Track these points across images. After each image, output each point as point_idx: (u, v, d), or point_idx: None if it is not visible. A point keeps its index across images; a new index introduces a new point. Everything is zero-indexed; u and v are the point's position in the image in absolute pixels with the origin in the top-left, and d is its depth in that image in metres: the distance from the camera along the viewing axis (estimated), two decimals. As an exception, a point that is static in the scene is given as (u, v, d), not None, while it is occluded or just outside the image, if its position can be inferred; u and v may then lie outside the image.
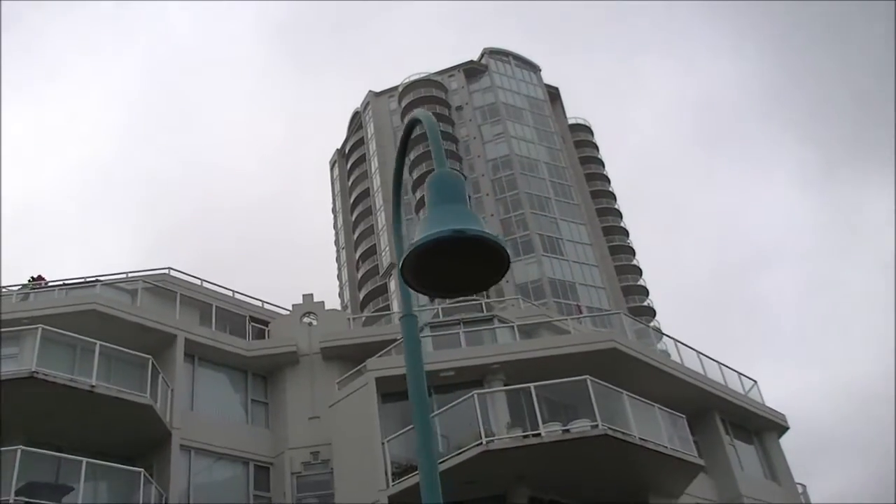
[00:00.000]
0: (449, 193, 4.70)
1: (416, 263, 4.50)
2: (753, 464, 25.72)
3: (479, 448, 16.44)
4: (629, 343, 21.23)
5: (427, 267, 4.57)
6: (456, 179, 4.87)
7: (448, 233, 4.31)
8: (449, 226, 4.36)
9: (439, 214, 4.52)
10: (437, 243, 4.37)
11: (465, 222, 4.39)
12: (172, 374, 21.19)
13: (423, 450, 5.10)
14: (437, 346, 21.46)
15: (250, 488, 21.79)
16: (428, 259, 4.52)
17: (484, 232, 4.32)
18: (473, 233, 4.31)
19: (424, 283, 4.62)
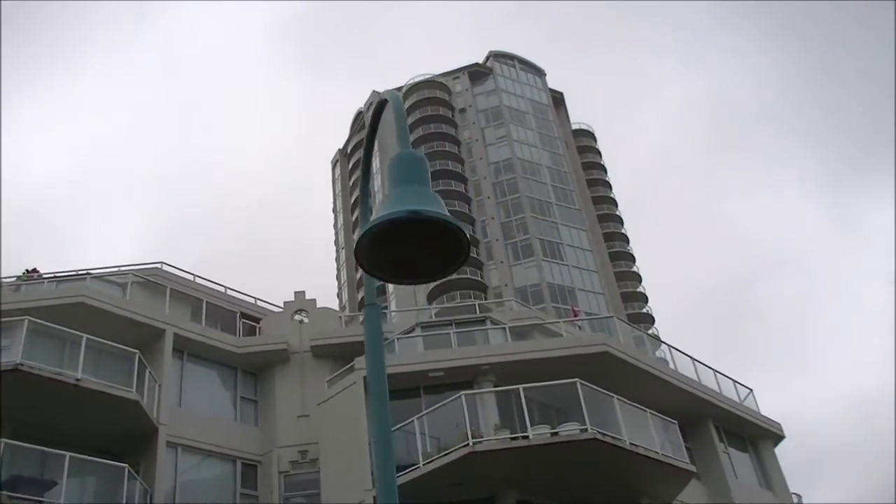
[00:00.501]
0: (410, 174, 4.48)
1: (372, 247, 4.28)
2: (748, 472, 25.49)
3: (466, 449, 16.22)
4: (622, 347, 20.99)
5: (386, 251, 4.36)
6: (418, 160, 4.65)
7: (404, 213, 4.10)
8: (407, 207, 4.15)
9: (398, 196, 4.31)
10: (393, 225, 4.16)
11: (425, 204, 4.18)
12: (161, 369, 20.98)
13: (380, 443, 4.87)
14: (428, 347, 21.24)
15: (237, 486, 21.57)
16: (386, 242, 4.31)
17: (441, 214, 4.10)
18: (429, 214, 4.08)
19: (382, 268, 4.40)
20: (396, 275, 4.48)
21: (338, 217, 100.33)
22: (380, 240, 4.28)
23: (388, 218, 4.09)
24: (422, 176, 4.53)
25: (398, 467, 17.50)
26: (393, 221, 4.10)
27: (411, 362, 19.51)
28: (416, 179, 4.47)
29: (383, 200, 4.34)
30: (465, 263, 4.36)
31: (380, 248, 4.34)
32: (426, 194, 4.34)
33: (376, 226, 4.11)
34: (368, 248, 4.28)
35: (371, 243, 4.25)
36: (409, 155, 4.70)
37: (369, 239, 4.19)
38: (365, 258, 4.30)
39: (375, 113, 5.68)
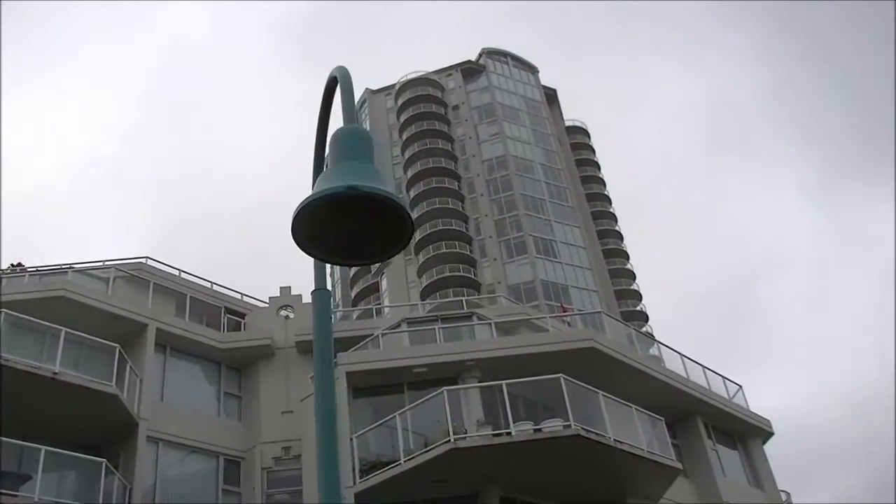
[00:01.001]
0: (354, 150, 4.25)
1: (313, 224, 4.05)
2: (736, 469, 25.32)
3: (448, 445, 15.99)
4: (608, 343, 20.77)
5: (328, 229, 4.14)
6: (362, 135, 4.43)
7: (342, 189, 3.87)
8: (346, 182, 3.92)
9: (339, 171, 4.08)
10: (333, 201, 3.93)
11: (366, 180, 3.95)
12: (143, 363, 20.74)
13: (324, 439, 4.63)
14: (414, 343, 21.02)
15: (220, 482, 21.31)
16: (328, 220, 4.09)
17: (380, 189, 3.87)
18: (368, 189, 3.86)
19: (324, 247, 4.17)
20: (340, 255, 4.26)
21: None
22: (321, 217, 4.06)
23: (325, 193, 3.87)
24: (366, 151, 4.30)
25: (381, 464, 17.37)
26: (331, 197, 3.88)
27: (394, 357, 19.29)
28: (359, 155, 4.24)
29: (322, 175, 4.12)
30: (408, 243, 4.14)
31: (321, 226, 4.12)
32: (369, 170, 4.11)
33: (313, 202, 3.89)
34: (309, 226, 4.06)
35: (311, 221, 4.03)
36: (352, 130, 4.47)
37: (307, 216, 3.97)
38: (304, 236, 4.08)
39: (326, 91, 5.45)
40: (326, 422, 4.69)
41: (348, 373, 18.69)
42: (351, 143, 4.31)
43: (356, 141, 4.33)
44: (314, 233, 4.10)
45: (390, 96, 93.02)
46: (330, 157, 4.29)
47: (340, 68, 5.13)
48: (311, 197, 3.87)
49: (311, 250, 4.11)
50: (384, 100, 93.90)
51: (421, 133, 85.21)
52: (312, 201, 3.86)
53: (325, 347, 4.94)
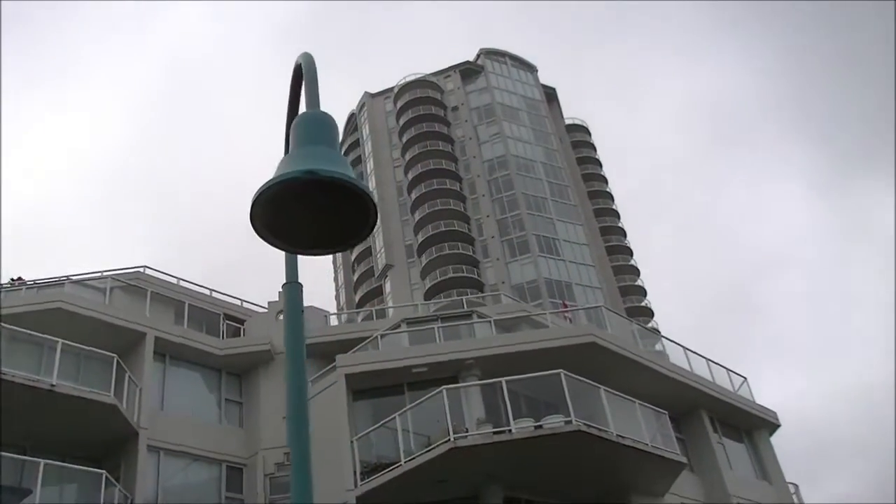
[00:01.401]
0: (316, 134, 4.11)
1: (271, 212, 3.91)
2: (743, 462, 25.11)
3: (448, 445, 15.83)
4: (609, 337, 20.58)
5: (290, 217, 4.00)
6: (325, 121, 4.28)
7: (300, 173, 3.73)
8: (305, 167, 3.78)
9: (299, 156, 3.93)
10: (292, 188, 3.79)
11: (328, 165, 3.81)
12: (141, 372, 20.62)
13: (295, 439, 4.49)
14: (413, 343, 20.86)
15: (222, 490, 21.17)
16: (287, 208, 3.95)
17: (341, 174, 3.73)
18: (328, 174, 3.71)
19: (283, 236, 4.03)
20: (302, 244, 4.12)
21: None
22: (281, 204, 3.92)
23: (283, 178, 3.73)
24: (329, 136, 4.16)
25: (383, 466, 17.22)
26: (289, 182, 3.74)
27: (393, 358, 19.14)
28: (322, 140, 4.10)
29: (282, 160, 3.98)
30: (372, 230, 4.00)
31: (282, 214, 3.97)
32: (331, 155, 3.97)
33: (271, 188, 3.75)
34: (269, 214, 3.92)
35: (271, 208, 3.89)
36: (315, 115, 4.34)
37: (266, 203, 3.83)
38: (264, 224, 3.93)
39: (295, 78, 5.32)
40: (298, 418, 4.55)
41: (347, 375, 18.57)
42: (312, 127, 4.17)
43: (318, 126, 4.19)
44: (275, 221, 3.96)
45: (389, 99, 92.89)
46: (291, 143, 4.16)
47: (305, 55, 5.01)
48: (268, 183, 3.74)
49: (271, 239, 3.98)
50: (383, 103, 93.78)
51: (421, 135, 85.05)
52: (270, 187, 3.72)
53: (296, 342, 4.80)
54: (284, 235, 4.04)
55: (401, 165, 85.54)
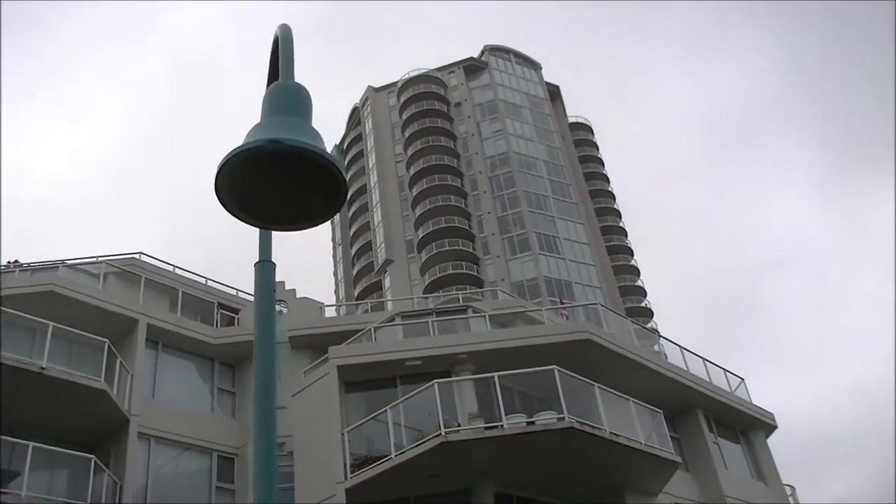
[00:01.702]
0: (287, 105, 3.95)
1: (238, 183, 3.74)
2: (739, 463, 24.95)
3: (438, 439, 15.65)
4: (604, 334, 20.40)
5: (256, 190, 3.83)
6: (299, 91, 4.12)
7: (264, 142, 3.56)
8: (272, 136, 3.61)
9: (267, 125, 3.77)
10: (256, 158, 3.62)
11: (296, 134, 3.64)
12: (133, 359, 20.49)
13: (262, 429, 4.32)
14: (408, 336, 20.70)
15: (213, 480, 21.04)
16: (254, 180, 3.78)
17: (308, 144, 3.56)
18: (293, 143, 3.54)
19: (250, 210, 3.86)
20: (269, 219, 3.95)
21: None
22: (247, 176, 3.75)
23: (246, 148, 3.56)
24: (301, 107, 3.99)
25: (373, 459, 17.06)
26: (253, 151, 3.57)
27: (386, 351, 18.97)
28: (293, 111, 3.93)
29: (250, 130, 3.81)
30: (342, 205, 3.83)
31: (249, 186, 3.81)
32: (301, 126, 3.80)
33: (233, 157, 3.57)
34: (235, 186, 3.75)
35: (237, 180, 3.72)
36: (287, 85, 4.17)
37: (230, 174, 3.66)
38: (230, 196, 3.76)
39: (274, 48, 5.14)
40: (265, 401, 4.39)
41: (340, 366, 18.39)
42: (284, 98, 4.01)
43: (290, 96, 4.03)
44: (242, 193, 3.79)
45: (392, 94, 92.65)
46: (262, 114, 3.99)
47: (282, 26, 4.84)
48: (232, 152, 3.57)
49: (237, 213, 3.81)
50: (386, 98, 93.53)
51: (423, 130, 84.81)
52: (233, 156, 3.55)
53: (267, 323, 4.64)
54: (252, 209, 3.87)
55: (403, 160, 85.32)
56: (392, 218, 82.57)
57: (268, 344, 4.55)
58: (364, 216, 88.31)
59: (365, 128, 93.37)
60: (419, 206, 79.72)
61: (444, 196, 79.66)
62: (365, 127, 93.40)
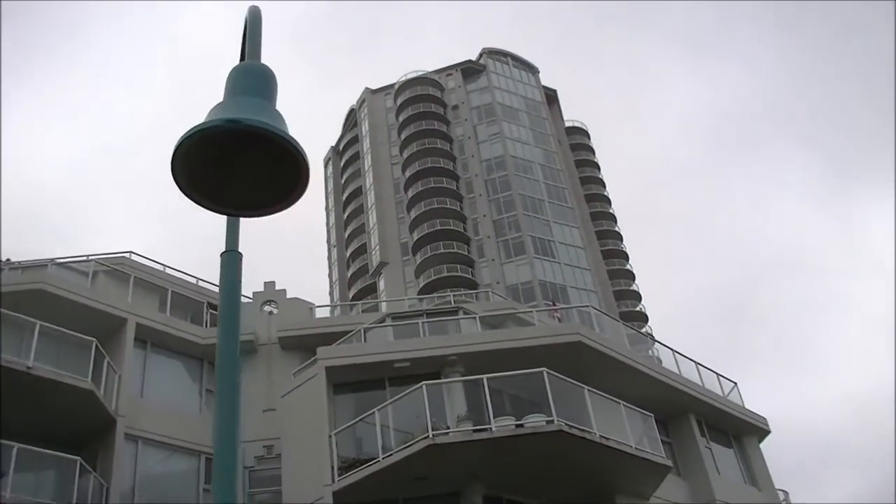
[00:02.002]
0: (251, 85, 3.80)
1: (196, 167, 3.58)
2: (732, 467, 24.80)
3: (426, 441, 15.49)
4: (595, 337, 20.25)
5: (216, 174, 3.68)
6: (263, 72, 3.97)
7: (221, 122, 3.41)
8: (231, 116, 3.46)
9: (228, 105, 3.62)
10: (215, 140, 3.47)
11: (256, 114, 3.49)
12: (122, 359, 20.29)
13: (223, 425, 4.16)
14: (398, 337, 20.53)
15: (201, 481, 20.83)
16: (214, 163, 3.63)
17: (268, 124, 3.41)
18: (252, 123, 3.39)
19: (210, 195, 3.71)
20: (229, 204, 3.80)
21: (329, 215, 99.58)
22: (206, 159, 3.60)
23: (202, 127, 3.40)
24: (265, 89, 3.84)
25: (361, 461, 16.88)
26: (209, 131, 3.42)
27: (375, 352, 18.80)
28: (257, 92, 3.78)
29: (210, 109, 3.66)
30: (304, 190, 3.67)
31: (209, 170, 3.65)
32: (264, 107, 3.65)
33: (189, 137, 3.42)
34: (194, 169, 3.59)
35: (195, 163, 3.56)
36: (252, 65, 4.03)
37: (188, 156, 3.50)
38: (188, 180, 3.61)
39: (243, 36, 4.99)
40: (228, 396, 4.23)
41: (328, 367, 18.22)
42: (247, 78, 3.87)
43: (253, 77, 3.89)
44: (201, 177, 3.64)
45: (389, 96, 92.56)
46: (224, 95, 3.84)
47: (252, 8, 4.69)
48: (188, 132, 3.41)
49: (196, 197, 3.65)
50: (384, 99, 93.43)
51: (420, 133, 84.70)
52: (188, 137, 3.40)
53: (232, 316, 4.47)
54: (212, 194, 3.72)
55: (399, 162, 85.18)
56: (387, 220, 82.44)
57: (232, 338, 4.39)
58: (359, 218, 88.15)
59: (361, 130, 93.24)
60: (415, 208, 79.59)
61: (440, 199, 79.53)
62: (361, 129, 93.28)
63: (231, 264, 4.56)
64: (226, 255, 4.60)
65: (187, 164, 3.54)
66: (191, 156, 3.52)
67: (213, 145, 3.56)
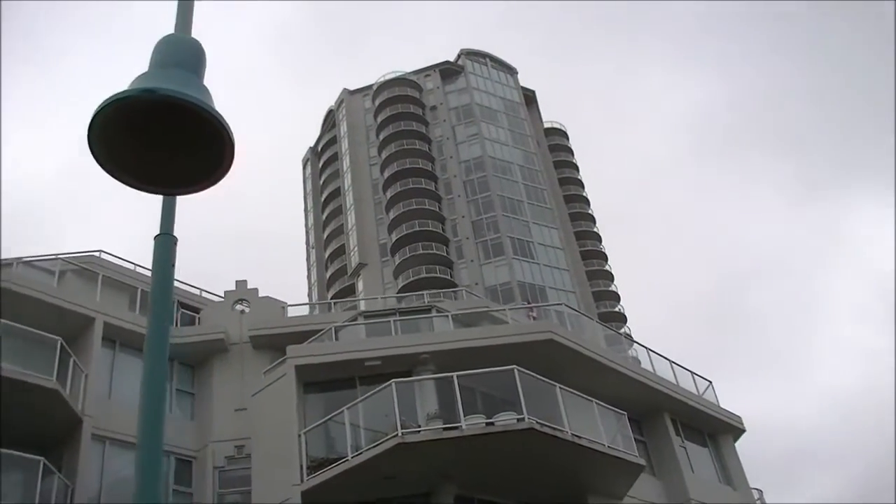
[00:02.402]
0: (174, 57, 3.62)
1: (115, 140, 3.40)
2: (706, 467, 24.76)
3: (395, 440, 15.30)
4: (568, 334, 20.13)
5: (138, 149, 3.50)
6: (189, 43, 3.80)
7: (137, 92, 3.23)
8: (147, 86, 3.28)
9: (148, 76, 3.44)
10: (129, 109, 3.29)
11: (177, 85, 3.31)
12: (89, 358, 19.97)
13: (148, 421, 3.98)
14: (370, 336, 20.33)
15: (170, 483, 20.53)
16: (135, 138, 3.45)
17: (185, 94, 3.23)
18: (169, 93, 3.22)
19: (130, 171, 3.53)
20: (153, 181, 3.62)
21: (308, 216, 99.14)
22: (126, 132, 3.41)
23: (116, 98, 3.22)
24: (191, 61, 3.66)
25: (330, 461, 16.67)
26: (124, 101, 3.23)
27: (345, 350, 18.60)
28: (182, 64, 3.60)
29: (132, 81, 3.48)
30: (230, 165, 3.50)
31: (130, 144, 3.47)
32: (189, 80, 3.47)
33: (103, 108, 3.23)
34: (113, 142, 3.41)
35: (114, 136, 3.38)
36: (178, 37, 3.85)
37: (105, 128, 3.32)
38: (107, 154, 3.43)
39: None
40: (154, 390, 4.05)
41: (298, 366, 18.01)
42: (172, 50, 3.68)
43: (179, 49, 3.71)
44: (120, 151, 3.46)
45: (368, 97, 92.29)
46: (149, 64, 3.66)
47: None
48: (104, 102, 3.23)
49: (115, 172, 3.47)
50: (362, 100, 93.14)
51: (398, 134, 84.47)
52: (102, 108, 3.22)
53: (164, 301, 4.30)
54: (134, 170, 3.55)
55: (377, 163, 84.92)
56: (366, 221, 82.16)
57: (162, 325, 4.22)
58: (338, 219, 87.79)
59: (340, 130, 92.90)
60: (393, 209, 79.36)
61: (419, 199, 79.34)
62: (340, 130, 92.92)
63: (164, 247, 4.38)
64: (159, 238, 4.42)
65: (106, 137, 3.37)
66: (110, 129, 3.35)
67: (135, 118, 3.40)
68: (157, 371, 4.09)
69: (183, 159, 3.53)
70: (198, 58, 3.71)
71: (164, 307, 4.24)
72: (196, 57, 3.70)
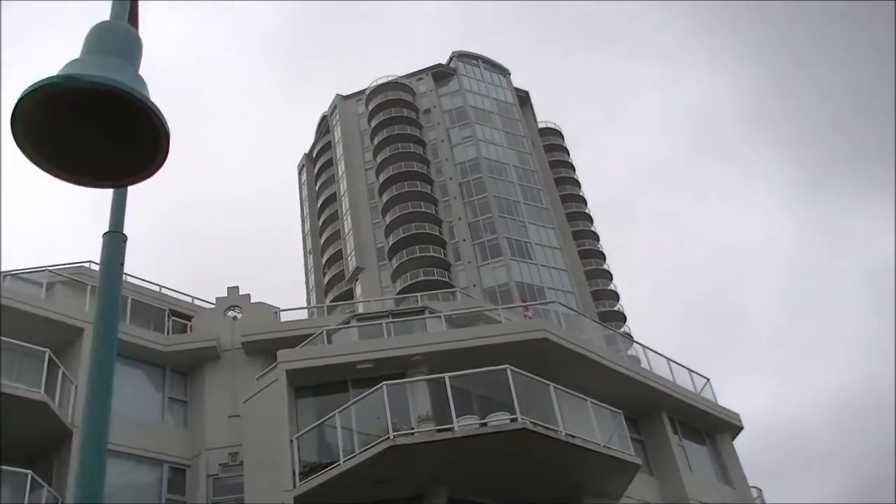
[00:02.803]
0: (107, 45, 3.44)
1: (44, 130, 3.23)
2: (704, 465, 24.55)
3: (387, 443, 15.11)
4: (562, 333, 19.94)
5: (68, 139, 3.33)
6: (123, 31, 3.62)
7: (59, 79, 3.05)
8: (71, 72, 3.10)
9: (76, 63, 3.26)
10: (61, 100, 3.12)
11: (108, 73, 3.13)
12: (79, 369, 19.77)
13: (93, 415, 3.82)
14: (363, 339, 20.14)
15: (163, 492, 20.35)
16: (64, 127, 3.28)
17: (108, 78, 3.05)
18: (91, 79, 3.04)
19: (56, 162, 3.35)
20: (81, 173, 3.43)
21: (305, 222, 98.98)
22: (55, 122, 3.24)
23: (38, 85, 3.04)
24: (125, 49, 3.48)
25: (322, 465, 16.47)
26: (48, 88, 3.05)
27: (336, 354, 18.41)
28: (115, 51, 3.42)
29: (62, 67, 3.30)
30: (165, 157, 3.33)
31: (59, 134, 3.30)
32: (121, 67, 3.29)
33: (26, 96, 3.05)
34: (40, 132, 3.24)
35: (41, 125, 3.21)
36: (111, 24, 3.66)
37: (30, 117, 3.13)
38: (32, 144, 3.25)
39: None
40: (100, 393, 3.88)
41: (289, 371, 17.83)
42: (104, 37, 3.49)
43: (111, 36, 3.52)
44: (47, 141, 3.29)
45: (361, 101, 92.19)
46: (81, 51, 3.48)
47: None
48: (28, 88, 3.05)
49: (40, 163, 3.29)
50: (355, 105, 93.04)
51: (393, 137, 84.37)
52: (25, 96, 3.04)
53: (111, 304, 4.12)
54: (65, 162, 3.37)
55: (372, 168, 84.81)
56: (362, 225, 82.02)
57: (110, 327, 4.04)
58: (335, 224, 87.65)
59: (334, 136, 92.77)
60: (389, 212, 79.23)
61: (415, 203, 79.22)
62: (334, 135, 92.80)
63: (113, 246, 4.22)
64: (107, 236, 4.26)
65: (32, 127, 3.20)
66: (36, 119, 3.18)
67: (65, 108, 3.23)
68: (103, 374, 3.92)
69: (117, 151, 3.36)
70: (133, 47, 3.54)
71: (112, 310, 4.06)
72: (131, 46, 3.53)
